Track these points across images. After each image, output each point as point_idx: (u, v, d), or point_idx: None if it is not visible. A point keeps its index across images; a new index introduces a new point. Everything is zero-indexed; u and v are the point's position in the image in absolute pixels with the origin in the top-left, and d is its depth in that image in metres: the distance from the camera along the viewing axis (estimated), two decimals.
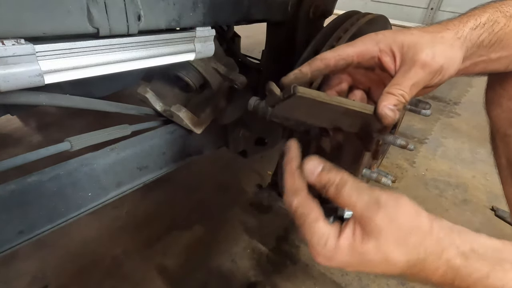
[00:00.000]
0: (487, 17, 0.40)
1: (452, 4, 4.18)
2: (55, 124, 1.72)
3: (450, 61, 0.38)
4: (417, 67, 0.38)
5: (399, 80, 0.38)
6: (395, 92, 0.38)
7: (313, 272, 0.99)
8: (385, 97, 0.38)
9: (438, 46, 0.38)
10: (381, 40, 0.40)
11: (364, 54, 0.41)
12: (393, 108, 0.37)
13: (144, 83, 0.69)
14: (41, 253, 1.01)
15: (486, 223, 1.20)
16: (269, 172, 1.37)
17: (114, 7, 0.41)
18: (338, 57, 0.42)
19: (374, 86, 0.47)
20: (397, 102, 0.37)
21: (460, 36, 0.39)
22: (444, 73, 0.39)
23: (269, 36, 0.85)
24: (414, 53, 0.38)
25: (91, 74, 0.44)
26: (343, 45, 0.43)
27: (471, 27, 0.39)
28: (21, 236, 0.49)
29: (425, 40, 0.38)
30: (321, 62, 0.43)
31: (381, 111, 0.37)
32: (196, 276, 0.97)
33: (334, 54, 0.42)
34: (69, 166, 0.53)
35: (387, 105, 0.37)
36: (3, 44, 0.33)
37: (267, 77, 0.89)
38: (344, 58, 0.42)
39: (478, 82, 2.57)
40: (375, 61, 0.41)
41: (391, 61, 0.40)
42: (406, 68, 0.38)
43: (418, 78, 0.38)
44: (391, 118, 0.38)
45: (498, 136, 0.56)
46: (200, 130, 0.69)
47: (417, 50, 0.38)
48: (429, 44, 0.38)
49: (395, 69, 0.40)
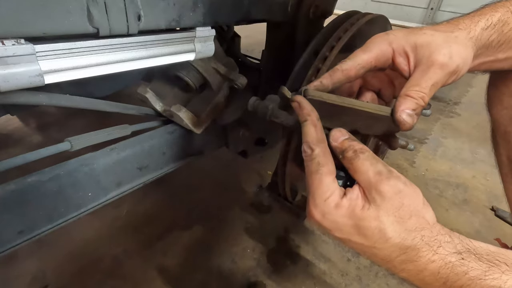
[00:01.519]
0: (498, 17, 0.39)
1: (452, 4, 4.18)
2: (55, 124, 1.72)
3: (464, 61, 0.38)
4: (435, 67, 0.36)
5: (418, 81, 0.37)
6: (415, 94, 0.36)
7: (313, 272, 0.99)
8: (403, 101, 0.36)
9: (453, 46, 0.37)
10: (393, 40, 0.39)
11: (380, 57, 0.40)
12: (412, 113, 0.36)
13: (144, 83, 0.69)
14: (41, 253, 1.01)
15: (486, 223, 1.20)
16: (269, 172, 1.37)
17: (114, 7, 0.41)
18: (358, 67, 0.41)
19: (385, 86, 0.46)
20: (416, 106, 0.36)
21: (472, 36, 0.38)
22: (459, 73, 0.38)
23: (269, 36, 0.85)
24: (431, 53, 0.37)
25: (91, 74, 0.44)
26: (358, 52, 0.41)
27: (482, 27, 0.39)
28: (21, 236, 0.49)
29: (439, 40, 0.37)
30: (343, 73, 0.41)
31: (399, 117, 0.36)
32: (196, 276, 0.97)
33: (354, 64, 0.41)
34: (69, 166, 0.53)
35: (405, 110, 0.36)
36: (3, 44, 0.33)
37: (267, 77, 0.89)
38: (363, 66, 0.41)
39: (478, 82, 2.56)
40: (390, 63, 0.40)
41: (405, 62, 0.39)
42: (424, 68, 0.37)
43: (438, 78, 0.36)
44: (409, 124, 0.36)
45: (499, 133, 0.56)
46: (200, 130, 0.69)
47: (432, 50, 0.37)
48: (445, 44, 0.37)
49: (409, 70, 0.39)
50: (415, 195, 0.32)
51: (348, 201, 0.32)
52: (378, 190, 0.31)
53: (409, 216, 0.31)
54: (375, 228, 0.31)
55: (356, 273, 0.99)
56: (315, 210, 0.34)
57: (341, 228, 0.33)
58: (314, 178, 0.34)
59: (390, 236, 0.31)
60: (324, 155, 0.34)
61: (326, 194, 0.33)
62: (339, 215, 0.32)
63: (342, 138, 0.36)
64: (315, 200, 0.33)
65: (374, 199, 0.31)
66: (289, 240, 1.09)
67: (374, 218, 0.31)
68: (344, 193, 0.33)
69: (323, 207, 0.33)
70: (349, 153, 0.34)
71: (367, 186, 0.32)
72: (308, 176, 0.35)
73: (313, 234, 1.11)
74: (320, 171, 0.34)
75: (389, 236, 0.31)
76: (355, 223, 0.32)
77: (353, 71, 0.41)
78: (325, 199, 0.33)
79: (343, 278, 0.98)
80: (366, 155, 0.33)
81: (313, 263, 1.02)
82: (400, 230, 0.31)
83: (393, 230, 0.31)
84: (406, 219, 0.31)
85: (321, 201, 0.33)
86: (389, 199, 0.31)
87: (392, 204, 0.31)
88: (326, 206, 0.33)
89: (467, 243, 0.31)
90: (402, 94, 0.37)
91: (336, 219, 0.33)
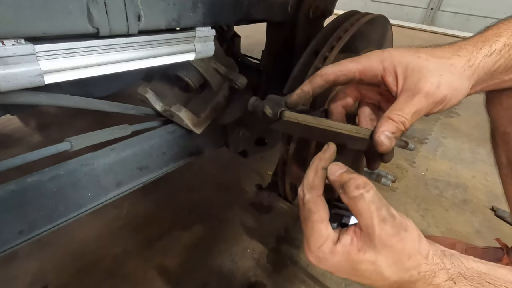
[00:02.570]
0: (503, 42, 0.38)
1: (452, 4, 4.18)
2: (55, 124, 1.72)
3: (455, 92, 0.37)
4: (420, 96, 0.36)
5: (401, 106, 0.36)
6: (396, 118, 0.36)
7: (313, 272, 0.99)
8: (385, 122, 0.36)
9: (445, 76, 0.36)
10: (386, 58, 0.39)
11: (367, 71, 0.40)
12: (391, 136, 0.36)
13: (144, 83, 0.69)
14: (41, 253, 1.01)
15: (486, 223, 1.20)
16: (269, 172, 1.37)
17: (114, 7, 0.41)
18: (339, 73, 0.41)
19: (384, 100, 0.45)
20: (395, 130, 0.36)
21: (472, 64, 0.37)
22: (446, 103, 0.37)
23: (269, 36, 0.85)
24: (419, 80, 0.36)
25: (91, 74, 0.44)
26: (346, 60, 0.42)
27: (485, 54, 0.37)
28: (21, 236, 0.49)
29: (432, 67, 0.36)
30: (321, 78, 0.42)
31: (377, 138, 0.36)
32: (196, 276, 0.97)
33: (334, 69, 0.41)
34: (69, 166, 0.53)
35: (384, 132, 0.36)
36: (3, 44, 0.33)
37: (267, 77, 0.89)
38: (345, 74, 0.41)
39: None
40: (379, 79, 0.40)
41: (394, 82, 0.38)
42: (409, 94, 0.36)
43: (421, 107, 0.36)
44: (387, 146, 0.36)
45: (498, 134, 0.56)
46: (200, 130, 0.69)
47: (421, 76, 0.36)
48: (436, 72, 0.36)
49: (397, 91, 0.38)
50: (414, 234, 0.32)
51: (342, 247, 0.32)
52: (380, 239, 0.31)
53: (408, 258, 0.31)
54: (373, 271, 0.32)
55: None
56: (311, 255, 0.34)
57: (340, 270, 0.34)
58: (307, 224, 0.34)
59: (388, 276, 0.32)
60: (317, 202, 0.34)
61: (319, 241, 0.33)
62: (335, 261, 0.33)
63: (340, 171, 0.35)
64: (309, 246, 0.34)
65: (375, 245, 0.31)
66: (289, 240, 1.09)
67: (371, 263, 0.32)
68: (338, 238, 0.33)
69: (317, 253, 0.33)
70: (350, 189, 0.32)
71: (370, 232, 0.31)
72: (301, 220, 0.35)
73: None
74: (311, 218, 0.34)
75: (387, 276, 0.32)
76: (352, 266, 0.33)
77: (332, 76, 0.41)
78: (319, 246, 0.33)
79: (343, 278, 0.98)
80: (371, 195, 0.31)
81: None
82: (397, 270, 0.31)
83: (391, 271, 0.31)
84: (405, 261, 0.31)
85: (315, 248, 0.33)
86: (391, 246, 0.31)
87: (393, 250, 0.31)
88: (320, 253, 0.33)
89: (458, 265, 0.32)
90: (384, 116, 0.37)
91: (333, 264, 0.33)
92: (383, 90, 0.43)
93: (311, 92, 0.43)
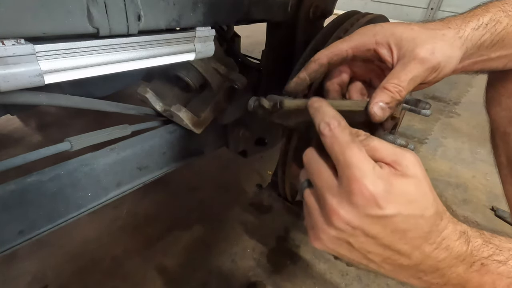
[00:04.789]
0: (489, 17, 0.39)
1: (452, 4, 4.18)
2: (55, 124, 1.72)
3: (448, 59, 0.38)
4: (416, 62, 0.37)
5: (397, 74, 0.38)
6: (391, 88, 0.37)
7: (313, 272, 0.99)
8: (380, 93, 0.37)
9: (438, 43, 0.38)
10: (378, 32, 0.40)
11: (360, 47, 0.41)
12: (385, 106, 0.37)
13: (144, 83, 0.69)
14: (41, 253, 1.01)
15: (486, 223, 1.20)
16: (269, 172, 1.37)
17: (114, 7, 0.41)
18: (330, 54, 0.42)
19: (375, 76, 0.47)
20: (390, 100, 0.37)
21: (461, 35, 0.39)
22: (440, 70, 0.38)
23: (269, 36, 0.85)
24: (414, 47, 0.37)
25: (91, 74, 0.44)
26: (338, 41, 0.43)
27: (473, 27, 0.39)
28: (21, 236, 0.49)
29: (425, 36, 0.38)
30: (315, 63, 0.43)
31: (371, 109, 0.37)
32: (196, 276, 0.97)
33: (326, 52, 0.43)
34: (69, 166, 0.53)
35: (378, 103, 0.37)
36: (3, 44, 0.33)
37: (267, 77, 0.89)
38: (337, 54, 0.42)
39: (478, 82, 2.57)
40: (372, 53, 0.41)
41: (388, 54, 0.40)
42: (405, 61, 0.38)
43: (417, 73, 0.37)
44: (379, 117, 0.37)
45: (498, 134, 0.56)
46: (200, 130, 0.69)
47: (416, 44, 0.37)
48: (429, 40, 0.38)
49: (393, 62, 0.40)
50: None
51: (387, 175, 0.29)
52: (407, 158, 0.29)
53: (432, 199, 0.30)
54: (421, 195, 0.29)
55: (356, 273, 0.99)
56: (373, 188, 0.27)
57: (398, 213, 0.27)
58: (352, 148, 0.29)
59: (432, 200, 0.29)
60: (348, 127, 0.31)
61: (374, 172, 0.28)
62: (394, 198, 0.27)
63: None
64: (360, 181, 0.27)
65: (407, 167, 0.29)
66: (289, 240, 1.09)
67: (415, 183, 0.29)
68: None
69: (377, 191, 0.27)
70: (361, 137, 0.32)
71: (394, 158, 0.30)
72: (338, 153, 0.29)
73: None
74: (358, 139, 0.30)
75: (430, 199, 0.29)
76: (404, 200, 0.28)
77: (325, 59, 0.42)
78: (375, 180, 0.27)
79: (343, 278, 0.98)
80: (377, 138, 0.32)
81: (313, 263, 1.02)
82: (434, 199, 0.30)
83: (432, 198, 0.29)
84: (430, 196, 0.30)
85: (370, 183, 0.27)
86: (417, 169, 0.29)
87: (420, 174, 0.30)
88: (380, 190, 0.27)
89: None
90: (380, 86, 0.38)
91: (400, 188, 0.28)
92: (375, 66, 0.45)
93: (307, 78, 0.44)
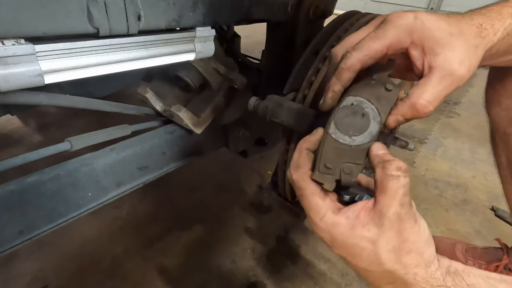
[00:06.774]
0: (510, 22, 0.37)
1: (452, 4, 4.18)
2: (55, 124, 1.72)
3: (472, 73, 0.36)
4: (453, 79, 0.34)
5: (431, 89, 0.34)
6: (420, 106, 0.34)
7: (313, 272, 0.99)
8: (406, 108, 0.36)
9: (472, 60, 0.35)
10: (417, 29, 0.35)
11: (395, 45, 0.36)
12: (402, 120, 0.36)
13: (144, 83, 0.70)
14: (41, 253, 1.01)
15: (486, 223, 1.20)
16: (269, 172, 1.37)
17: (114, 7, 0.41)
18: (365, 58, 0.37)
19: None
20: (412, 117, 0.36)
21: (488, 48, 0.37)
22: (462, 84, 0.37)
23: (269, 36, 0.85)
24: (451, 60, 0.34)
25: (91, 74, 0.44)
26: (368, 38, 0.37)
27: (499, 37, 0.37)
28: (21, 236, 0.49)
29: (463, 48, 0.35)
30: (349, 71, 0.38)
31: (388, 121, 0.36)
32: (196, 276, 0.97)
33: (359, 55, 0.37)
34: (69, 166, 0.53)
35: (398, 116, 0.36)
36: (3, 44, 0.33)
37: (267, 77, 0.89)
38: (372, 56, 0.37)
39: (478, 82, 2.56)
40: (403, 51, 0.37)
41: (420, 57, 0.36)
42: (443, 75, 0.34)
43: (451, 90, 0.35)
44: (391, 127, 0.37)
45: (498, 134, 0.56)
46: (200, 130, 0.69)
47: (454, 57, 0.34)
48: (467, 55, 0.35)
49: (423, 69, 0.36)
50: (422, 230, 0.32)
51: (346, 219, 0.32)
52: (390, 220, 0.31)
53: (408, 251, 0.31)
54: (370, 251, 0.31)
55: (356, 273, 0.99)
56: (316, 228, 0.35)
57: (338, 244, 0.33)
58: (303, 201, 0.35)
59: (383, 262, 0.31)
60: (303, 179, 0.35)
61: (320, 212, 0.34)
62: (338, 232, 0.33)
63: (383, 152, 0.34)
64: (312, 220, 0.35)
65: (382, 224, 0.31)
66: (289, 240, 1.09)
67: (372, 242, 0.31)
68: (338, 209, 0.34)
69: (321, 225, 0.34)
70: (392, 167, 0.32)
71: (384, 211, 0.31)
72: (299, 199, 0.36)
73: (313, 234, 1.10)
74: (305, 194, 0.35)
75: (383, 262, 0.31)
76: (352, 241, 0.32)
77: (359, 65, 0.37)
78: (321, 217, 0.34)
79: (343, 278, 0.98)
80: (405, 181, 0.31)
81: (313, 263, 1.02)
82: (395, 259, 0.31)
83: (388, 258, 0.31)
84: (404, 253, 0.31)
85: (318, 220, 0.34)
86: (396, 231, 0.31)
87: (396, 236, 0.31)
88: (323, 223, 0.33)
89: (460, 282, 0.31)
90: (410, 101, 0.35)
91: (335, 235, 0.33)
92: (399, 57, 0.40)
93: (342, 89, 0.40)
